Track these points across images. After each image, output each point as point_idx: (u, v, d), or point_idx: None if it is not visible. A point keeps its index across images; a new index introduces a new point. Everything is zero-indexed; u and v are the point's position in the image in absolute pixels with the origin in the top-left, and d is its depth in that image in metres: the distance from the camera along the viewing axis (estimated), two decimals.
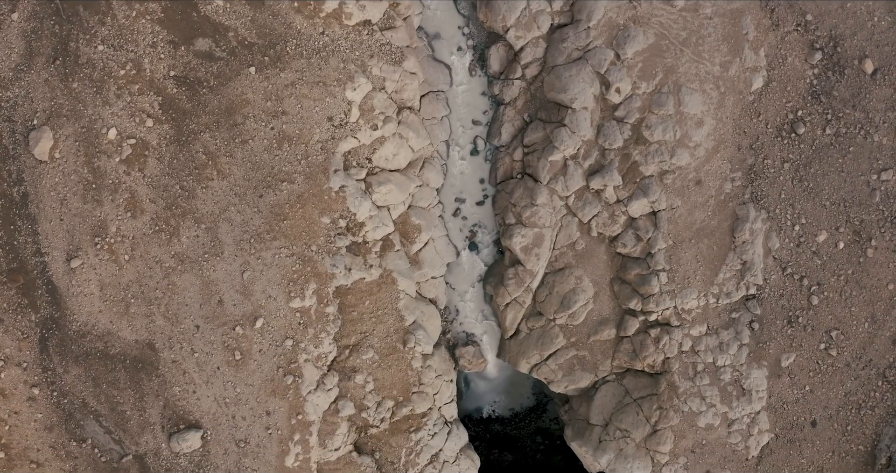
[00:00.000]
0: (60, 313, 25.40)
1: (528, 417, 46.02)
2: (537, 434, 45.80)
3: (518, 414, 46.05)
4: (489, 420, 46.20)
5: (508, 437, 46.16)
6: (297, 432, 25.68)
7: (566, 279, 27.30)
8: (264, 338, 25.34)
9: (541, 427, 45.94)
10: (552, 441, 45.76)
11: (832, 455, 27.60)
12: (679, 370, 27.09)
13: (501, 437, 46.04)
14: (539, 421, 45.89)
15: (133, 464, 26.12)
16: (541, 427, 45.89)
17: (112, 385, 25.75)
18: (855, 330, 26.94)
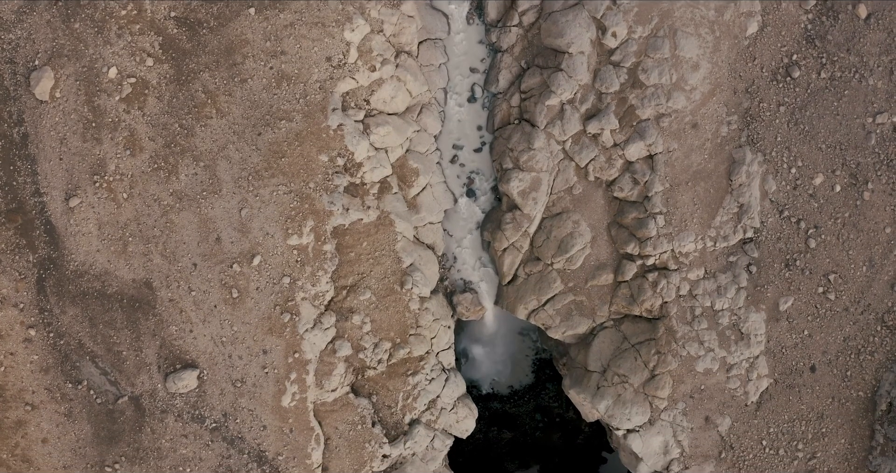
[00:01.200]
0: (58, 253, 26.40)
1: (528, 395, 46.96)
2: (536, 412, 46.71)
3: (517, 392, 47.00)
4: (488, 398, 47.14)
5: (507, 415, 47.05)
6: (294, 371, 26.57)
7: (564, 224, 28.32)
8: (261, 276, 26.31)
9: (540, 404, 46.86)
10: (551, 418, 46.61)
11: (832, 401, 28.45)
12: (677, 314, 28.01)
13: (500, 415, 46.93)
14: (538, 399, 46.82)
15: (129, 406, 27.00)
16: (540, 405, 46.80)
17: (109, 326, 26.67)
18: (853, 274, 27.89)
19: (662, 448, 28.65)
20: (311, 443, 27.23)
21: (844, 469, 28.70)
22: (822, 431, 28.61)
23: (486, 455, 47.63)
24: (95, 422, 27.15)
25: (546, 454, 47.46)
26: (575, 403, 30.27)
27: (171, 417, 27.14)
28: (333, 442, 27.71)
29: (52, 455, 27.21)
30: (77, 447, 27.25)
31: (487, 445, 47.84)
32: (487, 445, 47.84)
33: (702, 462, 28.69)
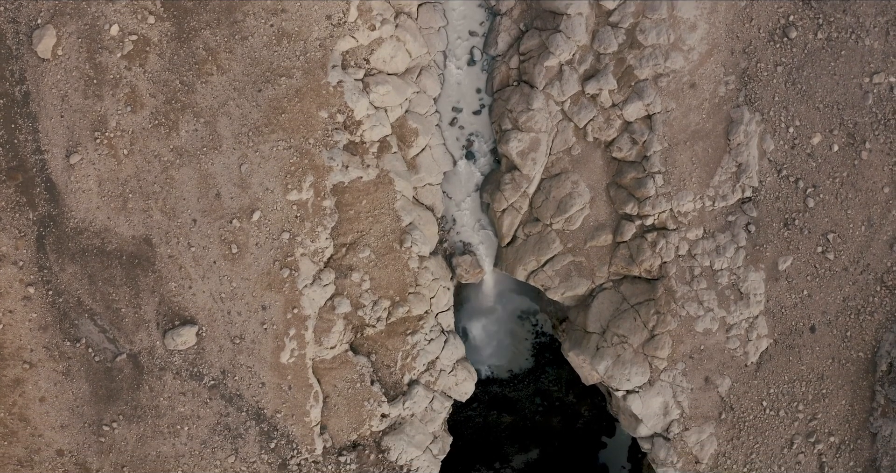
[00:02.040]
0: (58, 210, 27.08)
1: (527, 379, 47.61)
2: (536, 396, 47.32)
3: (517, 376, 47.65)
4: (488, 382, 47.74)
5: (507, 399, 47.64)
6: (293, 327, 27.18)
7: (562, 184, 29.03)
8: (261, 231, 26.99)
9: (540, 388, 47.47)
10: (551, 402, 47.17)
11: (832, 362, 29.03)
12: (676, 274, 28.65)
13: (500, 399, 47.50)
14: (538, 383, 47.43)
15: (127, 363, 27.58)
16: (540, 389, 47.42)
17: (108, 283, 27.31)
18: (852, 234, 28.57)
19: (662, 409, 29.19)
20: (309, 400, 27.78)
21: (845, 431, 29.23)
22: (823, 392, 29.17)
23: (485, 438, 48.11)
24: (93, 380, 27.71)
25: (546, 438, 47.94)
26: (574, 365, 30.83)
27: (169, 374, 27.71)
28: (332, 400, 28.26)
29: (50, 414, 27.75)
30: (75, 406, 27.79)
31: (487, 429, 48.36)
32: (487, 429, 48.36)
33: (702, 424, 29.23)
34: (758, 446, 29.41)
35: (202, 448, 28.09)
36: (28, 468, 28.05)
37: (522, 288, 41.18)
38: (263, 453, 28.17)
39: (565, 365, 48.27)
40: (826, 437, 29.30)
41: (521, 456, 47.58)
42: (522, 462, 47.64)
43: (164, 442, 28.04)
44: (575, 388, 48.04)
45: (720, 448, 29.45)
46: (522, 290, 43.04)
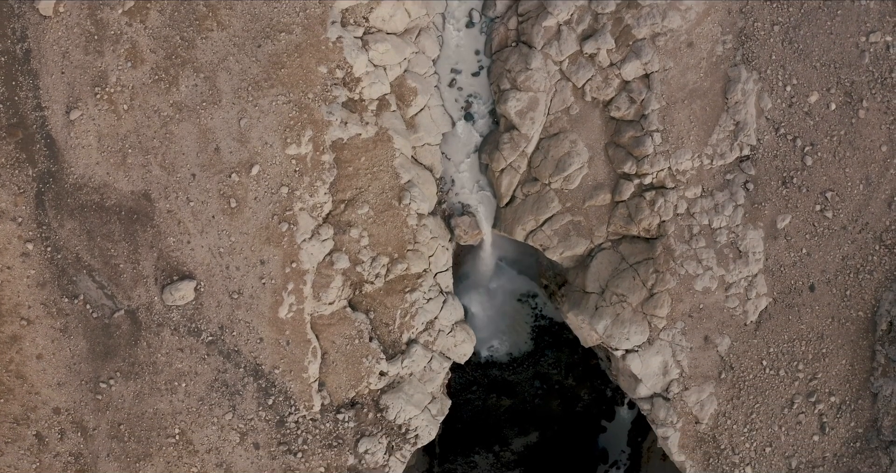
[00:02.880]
0: (58, 166, 27.73)
1: (526, 362, 48.22)
2: (535, 379, 47.90)
3: (516, 360, 48.25)
4: (487, 365, 48.35)
5: (506, 382, 48.22)
6: (292, 281, 27.74)
7: (561, 143, 29.70)
8: (260, 185, 27.61)
9: (539, 372, 48.08)
10: (550, 385, 47.71)
11: (832, 321, 29.56)
12: (675, 233, 29.26)
13: (499, 382, 48.05)
14: (537, 366, 48.01)
15: (125, 320, 28.11)
16: (539, 372, 48.02)
17: (106, 238, 27.90)
18: (850, 192, 29.20)
19: (661, 369, 29.69)
20: (307, 356, 28.28)
21: (846, 391, 29.72)
22: (823, 351, 29.68)
23: (484, 421, 48.58)
24: (91, 337, 28.22)
25: (545, 421, 48.40)
26: (573, 327, 31.36)
27: (167, 330, 28.23)
28: (330, 357, 28.76)
29: (47, 372, 28.24)
30: (72, 363, 28.29)
31: (486, 412, 48.85)
32: (486, 412, 48.85)
33: (701, 383, 29.72)
34: (758, 406, 29.88)
35: (199, 405, 28.55)
36: (24, 426, 28.51)
37: (521, 263, 41.83)
38: (261, 410, 28.63)
39: (565, 348, 48.91)
40: (827, 397, 29.76)
41: (520, 440, 48.03)
42: (522, 445, 48.10)
43: (161, 399, 28.50)
44: (574, 371, 48.62)
45: (720, 407, 29.92)
46: (521, 267, 43.74)
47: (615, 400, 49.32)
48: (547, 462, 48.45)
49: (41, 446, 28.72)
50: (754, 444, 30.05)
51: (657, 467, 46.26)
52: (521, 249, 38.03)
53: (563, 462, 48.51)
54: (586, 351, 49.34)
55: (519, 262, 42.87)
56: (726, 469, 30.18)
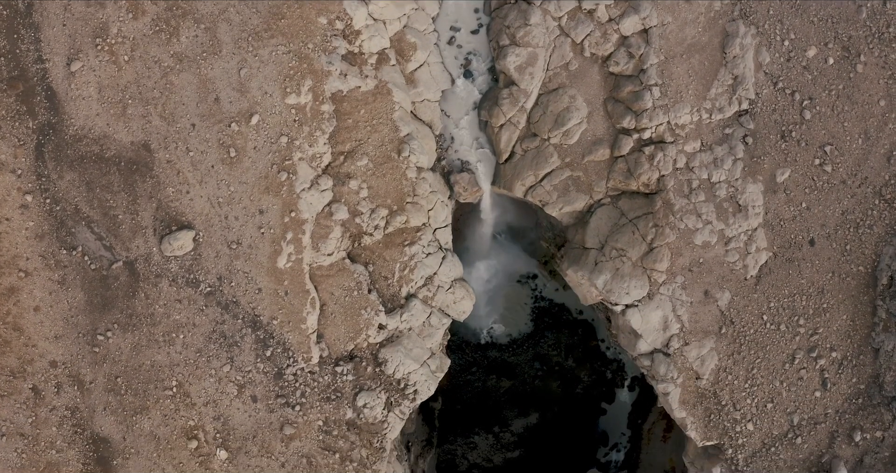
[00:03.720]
0: (58, 118, 28.43)
1: (526, 344, 48.82)
2: (535, 361, 48.44)
3: (516, 341, 48.86)
4: (487, 347, 48.90)
5: (506, 363, 48.77)
6: (290, 230, 28.34)
7: (560, 98, 30.43)
8: (259, 135, 28.28)
9: (539, 353, 48.66)
10: (550, 367, 48.25)
11: (832, 276, 30.12)
12: (674, 187, 29.89)
13: (499, 363, 48.60)
14: (537, 348, 48.63)
15: (123, 271, 28.66)
16: (539, 354, 48.59)
17: (105, 189, 28.54)
18: (849, 146, 29.87)
19: (662, 324, 30.21)
20: (306, 307, 28.80)
21: (847, 346, 30.22)
22: (824, 306, 30.21)
23: (484, 402, 49.00)
24: (89, 289, 28.75)
25: (545, 403, 48.83)
26: (573, 285, 31.88)
27: (165, 281, 28.76)
28: (329, 308, 29.28)
29: (44, 324, 28.76)
30: (69, 315, 28.80)
31: (486, 393, 49.30)
32: (486, 393, 49.30)
33: (702, 338, 30.23)
34: (759, 361, 30.36)
35: (197, 357, 29.03)
36: (21, 379, 28.97)
37: (520, 232, 42.44)
38: (259, 361, 29.11)
39: (564, 330, 49.51)
40: (828, 352, 30.26)
41: (520, 421, 48.43)
42: (522, 426, 48.51)
43: (158, 351, 28.99)
44: (574, 353, 49.15)
45: (721, 363, 30.40)
46: (520, 235, 44.30)
47: (615, 382, 49.82)
48: (547, 444, 48.81)
49: (37, 399, 29.16)
50: (755, 400, 30.50)
51: (657, 448, 46.66)
52: (520, 213, 38.64)
53: (564, 444, 48.88)
54: (586, 333, 49.93)
55: (518, 231, 43.49)
56: (727, 425, 30.60)
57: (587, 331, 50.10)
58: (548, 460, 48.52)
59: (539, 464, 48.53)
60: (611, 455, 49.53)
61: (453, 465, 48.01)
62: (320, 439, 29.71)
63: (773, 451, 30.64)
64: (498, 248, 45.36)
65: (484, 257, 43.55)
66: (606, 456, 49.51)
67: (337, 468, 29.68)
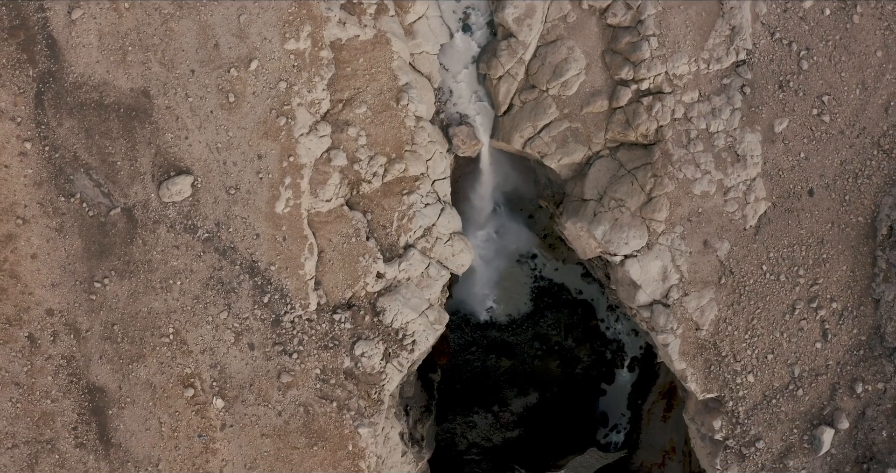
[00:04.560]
0: (58, 66, 29.28)
1: (526, 323, 49.53)
2: (535, 340, 49.08)
3: (515, 321, 49.60)
4: (486, 326, 49.59)
5: (505, 343, 49.46)
6: (289, 175, 29.09)
7: (558, 50, 31.30)
8: (258, 80, 29.12)
9: (539, 333, 49.38)
10: (550, 346, 48.90)
11: (832, 226, 30.83)
12: (672, 137, 30.68)
13: (498, 343, 49.29)
14: (537, 328, 49.35)
15: (121, 217, 29.39)
16: (538, 334, 49.29)
17: (104, 136, 29.34)
18: (846, 97, 30.70)
19: (661, 274, 30.86)
20: (304, 253, 29.47)
21: (847, 297, 30.86)
22: (823, 257, 30.88)
23: (483, 382, 49.53)
24: (86, 236, 29.45)
25: (545, 383, 49.38)
26: (571, 238, 32.55)
27: (163, 228, 29.47)
28: (327, 255, 29.94)
29: (41, 272, 29.42)
30: (67, 263, 29.47)
31: (485, 372, 49.86)
32: (485, 372, 49.86)
33: (701, 289, 30.86)
34: (759, 311, 30.97)
35: (194, 304, 29.64)
36: (17, 327, 29.59)
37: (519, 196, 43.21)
38: (256, 308, 29.72)
39: (564, 310, 50.19)
40: (828, 303, 30.87)
41: (519, 400, 48.93)
42: (521, 406, 49.02)
43: (155, 298, 29.62)
44: (574, 332, 49.78)
45: (720, 313, 31.02)
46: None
47: (615, 363, 50.40)
48: (547, 424, 49.28)
49: (33, 348, 29.76)
50: (756, 351, 31.07)
51: (657, 428, 47.19)
52: (519, 179, 39.42)
53: (563, 424, 49.36)
54: (586, 312, 50.56)
55: (517, 202, 44.30)
56: (728, 377, 31.16)
57: (587, 311, 50.80)
58: (547, 440, 48.97)
59: (539, 444, 48.97)
60: (611, 436, 50.04)
61: (453, 444, 48.44)
62: (317, 387, 30.26)
63: (775, 403, 31.15)
64: (497, 222, 46.12)
65: (482, 225, 44.30)
66: (606, 437, 50.01)
67: (334, 417, 30.19)
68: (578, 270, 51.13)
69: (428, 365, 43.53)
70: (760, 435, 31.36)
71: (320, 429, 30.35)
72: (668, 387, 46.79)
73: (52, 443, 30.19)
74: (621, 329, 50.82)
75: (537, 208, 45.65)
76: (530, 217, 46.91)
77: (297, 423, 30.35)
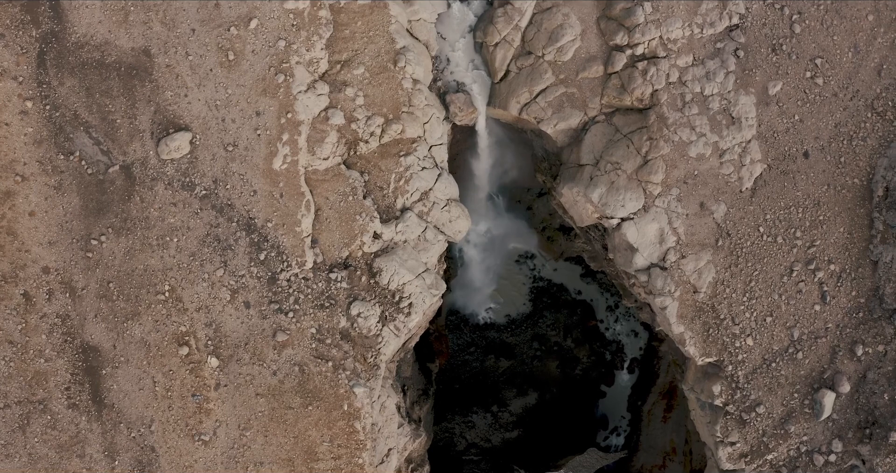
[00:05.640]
0: (61, 26, 30.98)
1: (525, 324, 50.66)
2: (534, 341, 50.12)
3: (514, 321, 50.77)
4: (485, 327, 50.65)
5: (504, 344, 50.56)
6: (286, 131, 30.55)
7: (554, 16, 33.05)
8: (258, 38, 30.75)
9: (538, 333, 50.45)
10: (549, 347, 49.89)
11: (828, 188, 32.14)
12: (667, 101, 32.22)
13: (497, 344, 50.34)
14: (536, 328, 50.43)
15: (119, 175, 30.78)
16: (537, 334, 50.39)
17: (105, 94, 30.93)
18: (839, 60, 32.29)
19: (658, 237, 32.08)
20: (301, 209, 30.76)
21: (845, 259, 32.03)
22: (820, 219, 32.12)
23: (482, 382, 50.32)
24: (84, 194, 30.79)
25: (544, 384, 50.25)
26: (568, 205, 33.85)
27: (160, 185, 30.81)
28: (324, 213, 31.22)
29: (39, 230, 30.70)
30: (64, 221, 30.78)
31: (484, 373, 50.70)
32: (484, 373, 50.70)
33: (699, 251, 32.05)
34: (757, 273, 32.09)
35: (190, 261, 30.82)
36: (12, 284, 30.73)
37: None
38: (253, 265, 30.88)
39: (563, 310, 51.26)
40: (826, 265, 32.01)
41: (518, 401, 49.71)
42: (520, 406, 49.79)
43: (152, 255, 30.81)
44: (573, 333, 50.80)
45: (718, 275, 32.14)
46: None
47: (614, 364, 51.27)
48: (546, 425, 49.97)
49: (28, 305, 30.84)
50: (754, 314, 32.10)
51: (657, 429, 47.88)
52: (516, 162, 40.87)
53: (563, 426, 50.04)
54: (585, 313, 51.59)
55: (515, 193, 45.67)
56: (726, 340, 32.14)
57: (586, 311, 51.89)
58: (547, 441, 49.57)
59: (538, 445, 49.57)
60: (611, 439, 50.65)
61: (451, 444, 49.04)
62: (313, 347, 31.24)
63: (774, 367, 32.09)
64: (495, 215, 47.41)
65: (481, 217, 45.59)
66: (606, 440, 50.63)
67: (329, 376, 31.11)
68: (577, 270, 52.39)
69: (427, 356, 44.44)
70: (761, 400, 32.21)
71: (315, 389, 31.26)
72: (669, 387, 47.66)
73: (44, 404, 31.08)
74: (621, 330, 51.87)
75: (535, 198, 47.02)
76: (528, 209, 48.20)
77: (291, 383, 31.27)
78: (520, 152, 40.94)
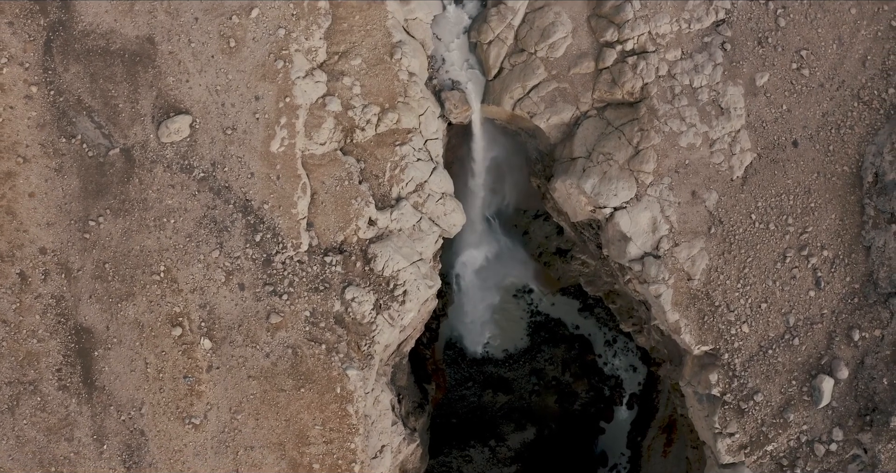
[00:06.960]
0: (68, 15, 33.90)
1: (522, 358, 52.38)
2: (532, 375, 51.67)
3: (512, 356, 52.56)
4: (483, 362, 52.39)
5: (502, 379, 52.13)
6: (285, 115, 33.00)
7: (545, 15, 35.97)
8: (258, 27, 33.54)
9: (535, 368, 52.08)
10: (547, 381, 51.43)
11: (818, 176, 34.35)
12: (658, 94, 34.79)
13: (495, 379, 51.94)
14: (533, 363, 52.11)
15: (119, 157, 33.12)
16: (535, 369, 52.04)
17: (108, 80, 33.57)
18: (824, 51, 34.99)
19: (651, 226, 34.10)
20: (297, 192, 32.91)
21: (838, 245, 33.98)
22: (811, 206, 34.22)
23: (480, 417, 51.55)
24: (84, 176, 33.05)
25: (542, 419, 51.50)
26: (562, 200, 35.99)
27: (160, 167, 33.07)
28: (320, 197, 33.34)
29: (38, 211, 32.84)
30: (63, 203, 32.97)
31: (482, 408, 51.98)
32: (482, 408, 51.98)
33: (692, 239, 34.01)
34: (750, 260, 33.95)
35: (187, 242, 32.77)
36: (9, 263, 32.65)
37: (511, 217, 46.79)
38: (248, 247, 32.81)
39: (561, 344, 52.87)
40: (819, 251, 33.89)
41: (517, 435, 50.82)
42: (518, 441, 50.88)
43: (148, 236, 32.81)
44: (571, 367, 52.28)
45: (712, 262, 33.99)
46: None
47: (613, 400, 52.46)
48: (544, 461, 50.82)
49: (23, 285, 32.64)
50: (749, 300, 33.80)
51: (658, 464, 48.85)
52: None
53: (562, 461, 50.90)
54: (583, 347, 53.12)
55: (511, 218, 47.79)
56: (722, 327, 33.75)
57: (584, 346, 53.48)
58: None
59: None
60: None
61: None
62: (307, 330, 32.85)
63: (771, 354, 33.58)
64: (490, 234, 49.42)
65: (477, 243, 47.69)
66: None
67: (322, 359, 32.60)
68: (575, 304, 54.16)
69: (423, 377, 45.71)
70: (758, 388, 33.58)
71: (308, 371, 32.71)
72: (668, 421, 48.73)
73: (34, 385, 32.50)
74: (619, 365, 53.25)
75: (531, 220, 49.10)
76: (525, 234, 50.24)
77: (284, 365, 32.75)
78: (515, 164, 43.28)
